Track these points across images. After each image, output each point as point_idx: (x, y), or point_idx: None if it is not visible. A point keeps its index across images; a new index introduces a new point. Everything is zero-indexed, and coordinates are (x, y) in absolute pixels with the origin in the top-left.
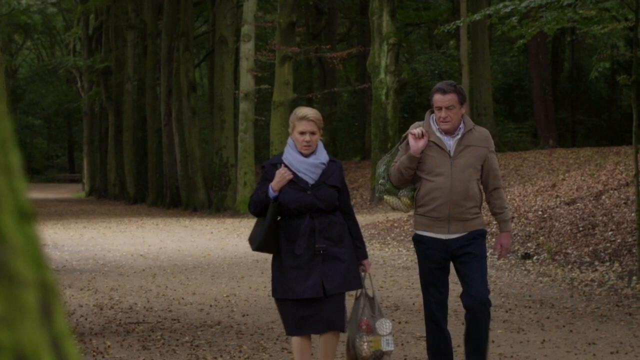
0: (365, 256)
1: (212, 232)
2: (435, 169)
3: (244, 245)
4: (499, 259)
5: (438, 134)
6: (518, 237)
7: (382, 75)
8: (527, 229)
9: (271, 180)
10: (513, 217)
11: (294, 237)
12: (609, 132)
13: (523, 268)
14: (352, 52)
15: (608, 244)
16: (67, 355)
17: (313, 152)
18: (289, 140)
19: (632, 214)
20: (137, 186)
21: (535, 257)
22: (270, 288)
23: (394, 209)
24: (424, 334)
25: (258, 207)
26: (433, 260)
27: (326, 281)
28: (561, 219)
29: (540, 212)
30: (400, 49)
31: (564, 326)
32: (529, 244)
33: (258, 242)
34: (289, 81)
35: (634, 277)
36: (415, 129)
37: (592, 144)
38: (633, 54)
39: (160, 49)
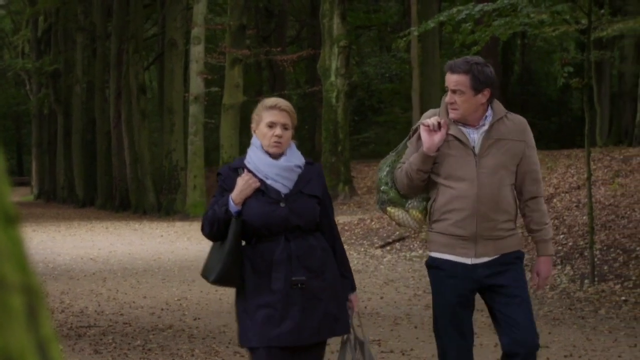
0: (352, 288)
1: (162, 236)
2: (455, 172)
3: (195, 249)
4: (536, 291)
5: (459, 124)
6: None
7: (333, 78)
8: None
9: (230, 190)
10: None
11: (265, 266)
12: (560, 135)
13: None
14: (302, 55)
15: (560, 247)
16: (52, 359)
17: (283, 153)
18: (253, 140)
19: (584, 217)
20: (86, 189)
21: None
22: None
23: (399, 224)
24: None
25: (215, 226)
26: (455, 292)
27: (306, 324)
28: None
29: None
30: (350, 52)
31: None
32: None
33: (217, 273)
34: (239, 84)
35: (586, 281)
36: (429, 118)
37: (543, 147)
38: (585, 57)
39: (110, 51)
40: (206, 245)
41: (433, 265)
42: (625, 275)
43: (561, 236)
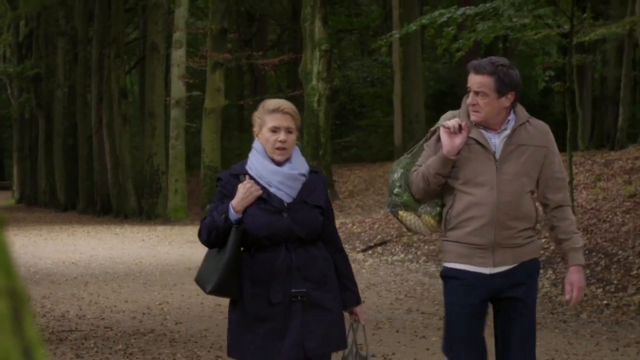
0: (357, 301)
1: (143, 240)
2: (475, 177)
3: (176, 253)
4: (570, 305)
5: (480, 128)
6: None
7: (314, 82)
8: None
9: (231, 197)
10: None
11: (264, 277)
12: None
13: None
14: (283, 59)
15: (542, 251)
16: None
17: (288, 159)
18: (255, 144)
19: None
20: (67, 193)
21: None
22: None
23: (410, 230)
24: None
25: (213, 234)
26: (470, 302)
27: (307, 338)
28: None
29: None
30: (332, 56)
31: None
32: None
33: (215, 282)
34: (220, 88)
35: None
36: (449, 120)
37: None
38: (567, 61)
39: (91, 55)
40: (187, 249)
41: (448, 276)
42: (607, 279)
43: (543, 240)
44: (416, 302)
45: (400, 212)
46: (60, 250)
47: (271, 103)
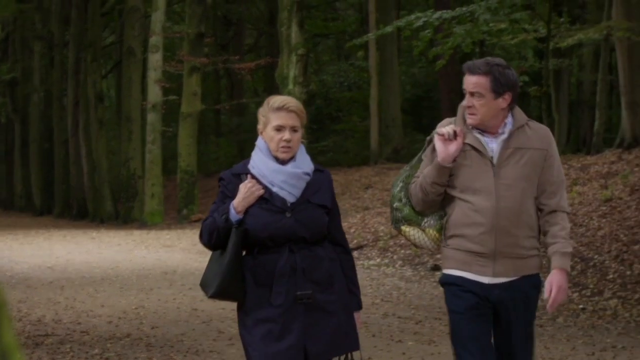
0: (359, 306)
1: (119, 244)
2: (472, 184)
3: (152, 257)
4: (549, 306)
5: (476, 132)
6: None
7: (291, 86)
8: None
9: (232, 197)
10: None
11: (267, 279)
12: None
13: (432, 280)
14: (260, 63)
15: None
16: None
17: (292, 158)
18: (259, 142)
19: None
20: (43, 198)
21: None
22: (179, 301)
23: (416, 245)
24: None
25: (214, 235)
26: (471, 306)
27: (310, 342)
28: None
29: None
30: (308, 60)
31: None
32: (438, 256)
33: (216, 286)
34: (197, 92)
35: (544, 289)
36: (445, 127)
37: None
38: (543, 65)
39: (68, 59)
40: (164, 253)
41: (447, 282)
42: (583, 283)
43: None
44: (392, 307)
45: (403, 228)
46: (37, 255)
47: (276, 100)
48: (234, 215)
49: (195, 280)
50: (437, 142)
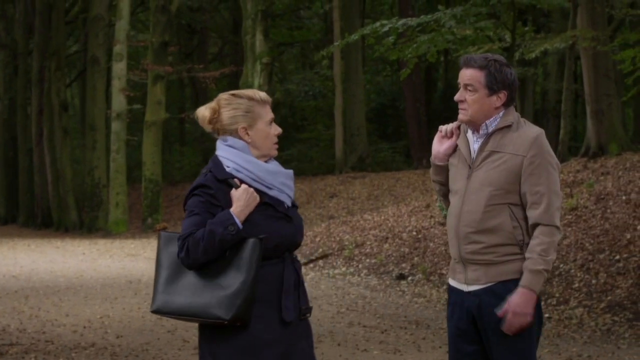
0: None
1: (84, 253)
2: (453, 185)
3: (117, 266)
4: (505, 329)
5: (469, 131)
6: (392, 258)
7: None
8: (402, 250)
9: (224, 206)
10: (387, 238)
11: (270, 293)
12: None
13: (398, 289)
14: (224, 72)
15: None
16: None
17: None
18: (233, 142)
19: None
20: (7, 206)
21: (410, 278)
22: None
23: None
24: None
25: (211, 250)
26: (454, 322)
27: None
28: (436, 240)
29: (414, 233)
30: (273, 69)
31: (440, 347)
32: (403, 265)
33: (237, 308)
34: (161, 101)
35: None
36: (447, 125)
37: None
38: None
39: (32, 68)
40: (128, 262)
41: (448, 291)
42: (548, 292)
43: None
44: (357, 316)
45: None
46: (1, 264)
47: (258, 93)
48: (239, 225)
49: None
50: (435, 140)
